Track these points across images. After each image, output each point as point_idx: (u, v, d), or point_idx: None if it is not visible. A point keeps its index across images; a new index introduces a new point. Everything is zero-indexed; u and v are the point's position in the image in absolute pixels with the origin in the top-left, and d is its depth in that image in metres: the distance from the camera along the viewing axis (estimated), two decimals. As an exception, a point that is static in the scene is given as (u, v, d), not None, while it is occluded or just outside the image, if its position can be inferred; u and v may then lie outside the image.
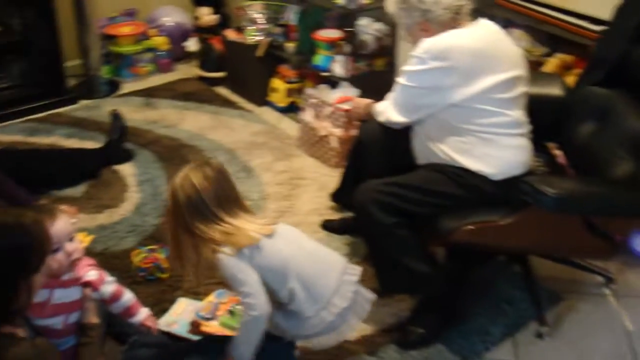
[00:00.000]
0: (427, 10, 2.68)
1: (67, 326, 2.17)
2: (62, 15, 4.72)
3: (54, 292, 2.13)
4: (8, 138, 4.37)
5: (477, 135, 2.65)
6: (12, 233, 1.72)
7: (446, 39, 2.63)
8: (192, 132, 4.42)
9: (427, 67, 2.63)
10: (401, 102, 2.79)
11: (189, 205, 2.21)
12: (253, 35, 4.74)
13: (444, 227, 2.63)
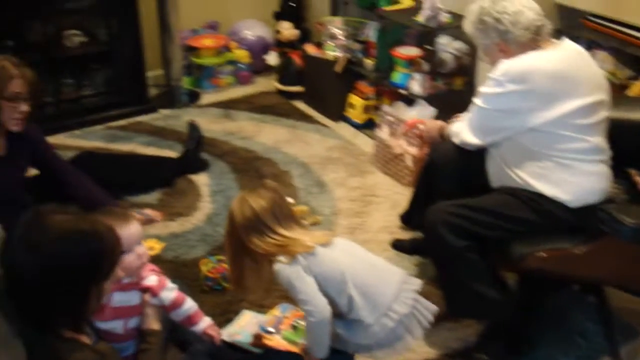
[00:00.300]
0: (505, 31, 2.62)
1: (127, 331, 2.19)
2: (146, 27, 4.83)
3: (113, 295, 2.15)
4: (89, 144, 4.48)
5: (554, 161, 2.57)
6: (87, 240, 1.73)
7: (525, 61, 2.57)
8: (268, 145, 4.44)
9: (504, 90, 2.58)
10: (476, 124, 2.74)
11: (246, 227, 2.25)
12: (332, 51, 4.75)
13: (516, 253, 2.56)
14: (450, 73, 4.09)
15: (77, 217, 1.77)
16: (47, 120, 4.58)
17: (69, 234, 1.72)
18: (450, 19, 3.97)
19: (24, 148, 3.16)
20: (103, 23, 4.79)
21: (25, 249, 1.70)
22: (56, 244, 1.70)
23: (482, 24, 2.69)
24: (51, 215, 1.75)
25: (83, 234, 1.73)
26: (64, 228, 1.72)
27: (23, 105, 2.94)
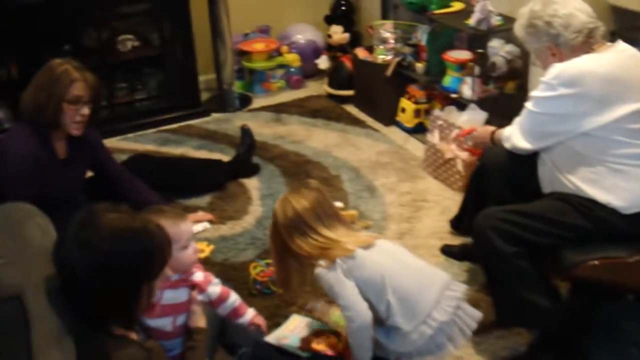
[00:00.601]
0: (557, 34, 2.59)
1: (175, 328, 2.21)
2: (198, 31, 4.88)
3: (164, 292, 2.18)
4: (142, 147, 4.55)
5: (607, 166, 2.53)
6: (139, 238, 1.76)
7: (577, 64, 2.52)
8: (318, 148, 4.45)
9: (556, 93, 2.53)
10: (528, 129, 2.70)
11: (288, 226, 2.28)
12: (383, 55, 4.74)
13: (567, 261, 2.51)
14: (502, 77, 4.04)
15: (129, 216, 1.80)
16: (101, 124, 4.66)
17: (121, 232, 1.74)
18: (501, 22, 3.92)
19: (84, 151, 3.23)
20: (156, 27, 4.87)
21: (78, 247, 1.73)
22: (108, 242, 1.72)
23: (532, 28, 2.65)
24: (104, 213, 1.78)
25: (135, 232, 1.76)
26: (116, 226, 1.75)
27: (84, 109, 3.00)
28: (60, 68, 2.96)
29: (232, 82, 5.11)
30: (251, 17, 5.40)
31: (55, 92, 2.92)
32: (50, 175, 3.06)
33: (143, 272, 1.77)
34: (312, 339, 2.76)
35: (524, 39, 2.75)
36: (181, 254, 2.18)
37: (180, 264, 2.19)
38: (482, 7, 3.83)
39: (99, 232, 1.73)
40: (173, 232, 2.11)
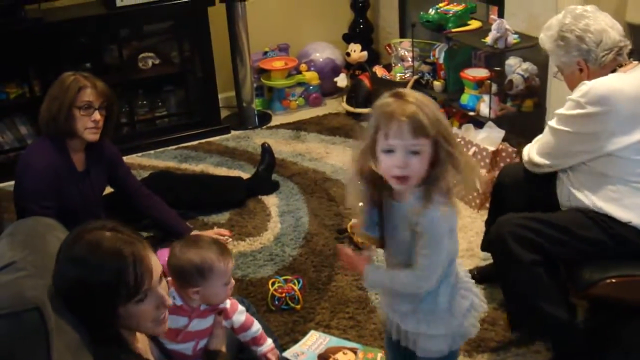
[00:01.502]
0: (588, 50, 2.56)
1: (196, 352, 2.22)
2: (218, 49, 4.94)
3: (193, 321, 2.20)
4: (162, 163, 4.60)
5: (630, 185, 2.51)
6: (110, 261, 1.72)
7: (606, 83, 2.50)
8: (337, 166, 4.47)
9: (584, 111, 2.50)
10: (549, 147, 2.69)
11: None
12: (401, 73, 4.77)
13: (585, 279, 2.50)
14: (519, 95, 4.04)
15: (111, 237, 1.76)
16: (122, 141, 4.74)
17: (94, 253, 1.73)
18: (518, 40, 3.94)
19: (102, 164, 3.29)
20: (176, 46, 4.93)
21: (61, 262, 1.76)
22: (74, 261, 1.73)
23: (563, 40, 2.61)
24: (89, 232, 1.77)
25: (107, 254, 1.73)
26: (92, 246, 1.74)
27: (96, 114, 3.06)
28: (70, 78, 3.05)
29: (251, 99, 5.16)
30: (270, 36, 5.45)
31: (65, 100, 3.00)
32: (68, 187, 3.12)
33: (112, 294, 1.72)
34: (329, 355, 2.78)
35: (552, 51, 2.70)
36: (221, 289, 2.20)
37: (217, 299, 2.22)
38: (499, 26, 3.85)
39: (72, 250, 1.74)
40: (220, 268, 2.16)
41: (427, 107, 1.85)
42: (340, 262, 2.03)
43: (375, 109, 1.88)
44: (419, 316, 2.04)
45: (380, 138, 1.84)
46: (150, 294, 1.79)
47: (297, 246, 3.61)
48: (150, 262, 1.78)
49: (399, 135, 1.81)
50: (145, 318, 1.81)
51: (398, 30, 5.37)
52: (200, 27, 4.77)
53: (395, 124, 1.81)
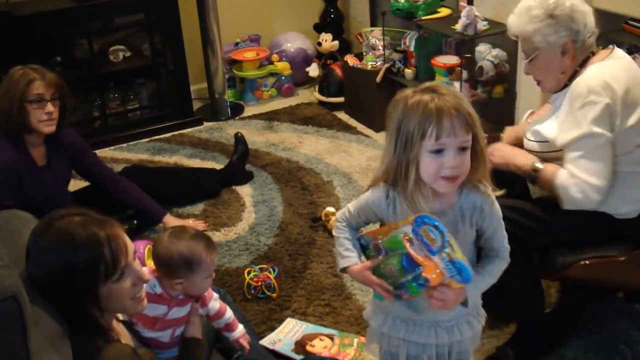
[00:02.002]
0: (577, 31, 2.45)
1: (173, 339, 2.23)
2: (189, 41, 4.93)
3: (172, 309, 2.21)
4: (135, 156, 4.59)
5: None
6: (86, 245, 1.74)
7: (595, 75, 2.42)
8: (310, 155, 4.49)
9: (604, 103, 2.36)
10: (599, 159, 2.40)
11: None
12: (372, 61, 4.79)
13: (559, 262, 2.51)
14: (489, 81, 4.08)
15: (83, 222, 1.78)
16: (94, 134, 4.72)
17: (69, 238, 1.74)
18: (487, 27, 3.97)
19: (63, 155, 3.29)
20: (147, 38, 4.91)
21: (33, 251, 1.77)
22: (49, 249, 1.74)
23: (553, 19, 2.44)
24: (60, 219, 1.78)
25: (82, 239, 1.74)
26: (65, 232, 1.75)
27: (49, 106, 3.05)
28: (18, 72, 3.03)
29: (223, 91, 5.16)
30: (241, 26, 5.45)
31: (15, 95, 2.98)
32: (30, 183, 3.11)
33: (92, 275, 1.74)
34: (306, 342, 2.81)
35: (537, 31, 2.48)
36: (204, 282, 2.21)
37: (199, 291, 2.23)
38: (469, 13, 3.88)
39: (48, 237, 1.75)
40: (207, 262, 2.17)
41: (463, 98, 1.78)
42: (434, 305, 1.82)
43: (410, 111, 1.75)
44: (470, 317, 2.01)
45: (427, 140, 1.73)
46: (127, 271, 1.81)
47: (272, 235, 3.62)
48: (124, 239, 1.81)
49: (452, 132, 1.71)
50: (125, 296, 1.83)
51: (369, 19, 5.39)
52: (171, 19, 4.76)
53: (447, 121, 1.71)
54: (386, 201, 1.89)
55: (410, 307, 1.97)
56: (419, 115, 1.72)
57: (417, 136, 1.73)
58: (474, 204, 1.87)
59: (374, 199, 1.91)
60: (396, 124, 1.78)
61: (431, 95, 1.74)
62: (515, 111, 4.09)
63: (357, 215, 1.99)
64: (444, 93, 1.75)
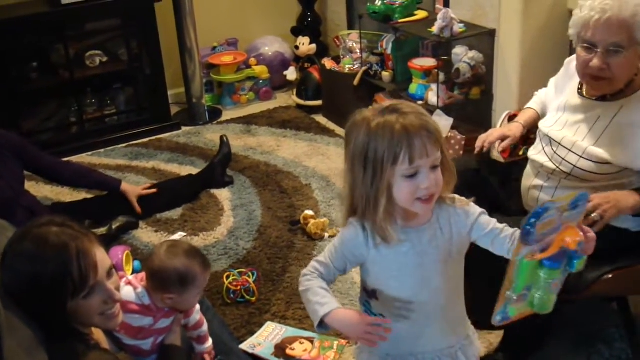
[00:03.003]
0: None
1: (154, 347, 2.22)
2: (166, 46, 4.91)
3: (158, 321, 2.19)
4: (113, 162, 4.57)
5: None
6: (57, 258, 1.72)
7: None
8: (289, 159, 4.49)
9: None
10: None
11: None
12: (350, 65, 4.80)
13: (582, 280, 2.38)
14: (466, 83, 4.09)
15: (54, 234, 1.76)
16: (71, 140, 4.71)
17: (40, 248, 1.73)
18: (463, 29, 3.98)
19: (6, 156, 3.29)
20: (123, 43, 4.89)
21: (4, 258, 1.76)
22: (21, 256, 1.74)
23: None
24: (37, 227, 1.78)
25: (48, 251, 1.73)
26: (34, 243, 1.74)
27: None
28: None
29: (201, 95, 5.14)
30: (219, 31, 5.43)
31: None
32: None
33: (60, 289, 1.72)
34: (286, 345, 2.80)
35: (638, 20, 2.26)
36: (194, 298, 2.21)
37: (187, 306, 2.23)
38: (445, 15, 3.89)
39: (23, 245, 1.75)
40: (201, 280, 2.17)
41: (426, 113, 1.70)
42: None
43: (375, 135, 1.65)
44: (471, 339, 1.98)
45: (400, 165, 1.64)
46: (98, 289, 1.79)
47: (251, 239, 3.62)
48: (95, 256, 1.78)
49: (424, 152, 1.64)
50: (93, 313, 1.81)
51: (346, 22, 5.41)
52: (148, 23, 4.74)
53: (419, 142, 1.62)
54: (364, 234, 1.77)
55: (409, 340, 1.88)
56: (388, 140, 1.63)
57: (388, 162, 1.64)
58: (449, 213, 1.81)
59: (350, 236, 1.79)
60: (360, 151, 1.68)
61: (395, 116, 1.64)
62: (493, 113, 4.11)
63: (330, 263, 1.83)
64: (408, 112, 1.65)
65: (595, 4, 2.25)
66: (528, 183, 2.61)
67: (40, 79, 4.70)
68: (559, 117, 2.55)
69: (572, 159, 2.42)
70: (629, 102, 2.35)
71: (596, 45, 2.28)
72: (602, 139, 2.38)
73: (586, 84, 2.44)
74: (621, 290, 2.54)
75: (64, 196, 3.96)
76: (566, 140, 2.45)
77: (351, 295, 3.12)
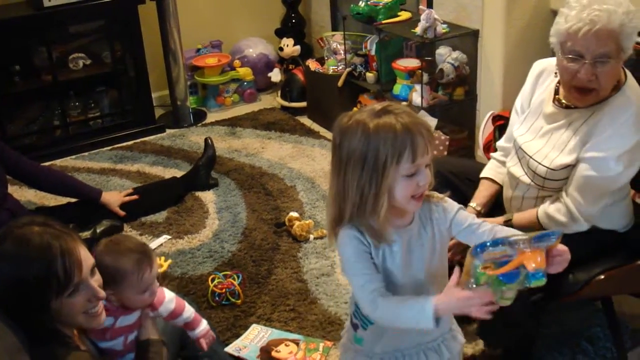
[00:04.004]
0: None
1: (127, 345, 2.19)
2: (150, 48, 4.90)
3: (119, 319, 2.18)
4: (97, 165, 4.55)
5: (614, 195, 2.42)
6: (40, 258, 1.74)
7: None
8: (273, 160, 4.48)
9: (639, 138, 2.28)
10: (598, 192, 2.36)
11: None
12: (334, 66, 4.80)
13: (572, 283, 2.40)
14: (450, 83, 4.10)
15: (37, 233, 1.77)
16: (55, 144, 4.68)
17: (19, 247, 1.74)
18: (447, 30, 3.99)
19: None
20: (107, 45, 4.87)
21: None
22: (3, 258, 1.74)
23: (633, 21, 2.24)
24: (18, 227, 1.78)
25: (32, 251, 1.74)
26: (17, 243, 1.75)
27: None
28: None
29: (185, 97, 5.13)
30: (202, 32, 5.42)
31: None
32: None
33: (44, 288, 1.73)
34: (271, 348, 2.80)
35: (634, 31, 2.25)
36: (136, 297, 2.14)
37: (134, 305, 2.17)
38: (428, 16, 3.90)
39: (5, 245, 1.75)
40: (132, 280, 2.11)
41: (414, 112, 1.72)
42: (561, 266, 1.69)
43: (376, 137, 1.64)
44: (454, 332, 1.99)
45: (404, 163, 1.65)
46: (82, 287, 1.80)
47: (236, 241, 3.61)
48: (79, 254, 1.79)
49: (425, 150, 1.66)
50: (77, 311, 1.81)
51: (330, 24, 5.41)
52: (131, 25, 4.72)
53: (420, 140, 1.65)
54: (364, 237, 1.76)
55: (394, 337, 1.87)
56: (391, 140, 1.63)
57: (392, 162, 1.64)
58: (429, 210, 1.84)
59: (356, 242, 1.75)
60: (359, 154, 1.67)
61: (393, 117, 1.65)
62: (476, 113, 4.13)
63: (370, 273, 1.76)
64: (400, 112, 1.67)
65: (583, 15, 2.21)
66: (508, 194, 2.62)
67: (23, 82, 4.67)
68: (531, 124, 2.54)
69: (541, 171, 2.43)
70: (601, 107, 2.34)
71: (584, 55, 2.24)
72: (569, 145, 2.38)
73: (571, 96, 2.38)
74: (612, 290, 2.56)
75: (47, 200, 3.94)
76: (537, 153, 2.45)
77: (336, 296, 3.13)
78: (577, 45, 2.24)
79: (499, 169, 2.71)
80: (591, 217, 2.37)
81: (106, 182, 4.27)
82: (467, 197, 2.71)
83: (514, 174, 2.55)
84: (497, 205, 2.69)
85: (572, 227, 2.37)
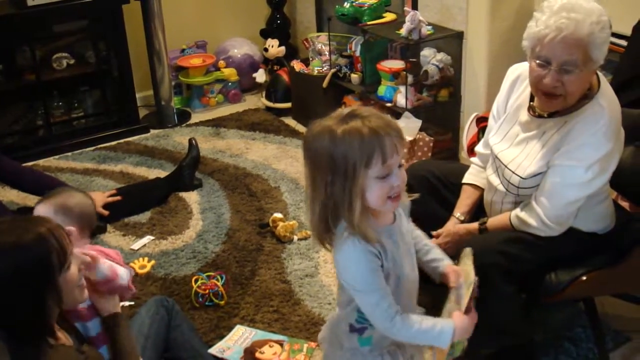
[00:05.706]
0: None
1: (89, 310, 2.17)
2: (134, 48, 4.88)
3: None
4: (80, 165, 4.52)
5: (595, 200, 2.44)
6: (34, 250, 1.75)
7: (615, 108, 2.35)
8: (258, 161, 4.48)
9: (611, 147, 2.30)
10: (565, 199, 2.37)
11: None
12: (319, 67, 4.80)
13: (555, 284, 2.43)
14: (435, 85, 4.11)
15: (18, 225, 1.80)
16: (38, 143, 4.65)
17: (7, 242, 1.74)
18: (431, 31, 4.00)
19: None
20: (91, 45, 4.85)
21: None
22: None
23: (604, 32, 2.24)
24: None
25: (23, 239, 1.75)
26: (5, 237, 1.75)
27: None
28: None
29: (170, 98, 5.11)
30: (187, 33, 5.41)
31: None
32: None
33: (45, 272, 1.76)
34: (255, 349, 2.79)
35: (603, 41, 2.25)
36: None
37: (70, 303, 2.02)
38: (413, 17, 3.90)
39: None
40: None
41: (384, 114, 1.75)
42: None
43: (343, 141, 1.66)
44: None
45: (374, 166, 1.68)
46: (73, 258, 1.86)
47: (220, 242, 3.60)
48: (63, 228, 1.85)
49: (394, 151, 1.69)
50: (75, 284, 1.87)
51: (315, 25, 5.41)
52: (115, 25, 4.70)
53: (389, 141, 1.67)
54: (373, 248, 1.76)
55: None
56: (358, 144, 1.65)
57: (361, 165, 1.66)
58: (405, 208, 1.91)
59: (370, 256, 1.75)
60: (327, 159, 1.69)
61: (360, 121, 1.67)
62: (461, 114, 4.14)
63: (383, 289, 1.78)
64: (368, 115, 1.70)
65: (551, 22, 2.22)
66: (489, 198, 2.64)
67: (6, 82, 4.64)
68: (507, 130, 2.55)
69: (515, 180, 2.45)
70: (573, 116, 2.34)
71: (550, 62, 2.26)
72: (540, 154, 2.40)
73: (539, 100, 2.40)
74: (594, 291, 2.57)
75: (30, 200, 3.90)
76: (512, 162, 2.47)
77: (319, 297, 3.13)
78: (544, 50, 2.26)
79: (480, 173, 2.72)
80: (562, 221, 2.39)
81: (90, 182, 4.25)
82: (449, 201, 2.74)
83: (492, 182, 2.59)
84: (479, 208, 2.72)
85: (544, 231, 2.39)
